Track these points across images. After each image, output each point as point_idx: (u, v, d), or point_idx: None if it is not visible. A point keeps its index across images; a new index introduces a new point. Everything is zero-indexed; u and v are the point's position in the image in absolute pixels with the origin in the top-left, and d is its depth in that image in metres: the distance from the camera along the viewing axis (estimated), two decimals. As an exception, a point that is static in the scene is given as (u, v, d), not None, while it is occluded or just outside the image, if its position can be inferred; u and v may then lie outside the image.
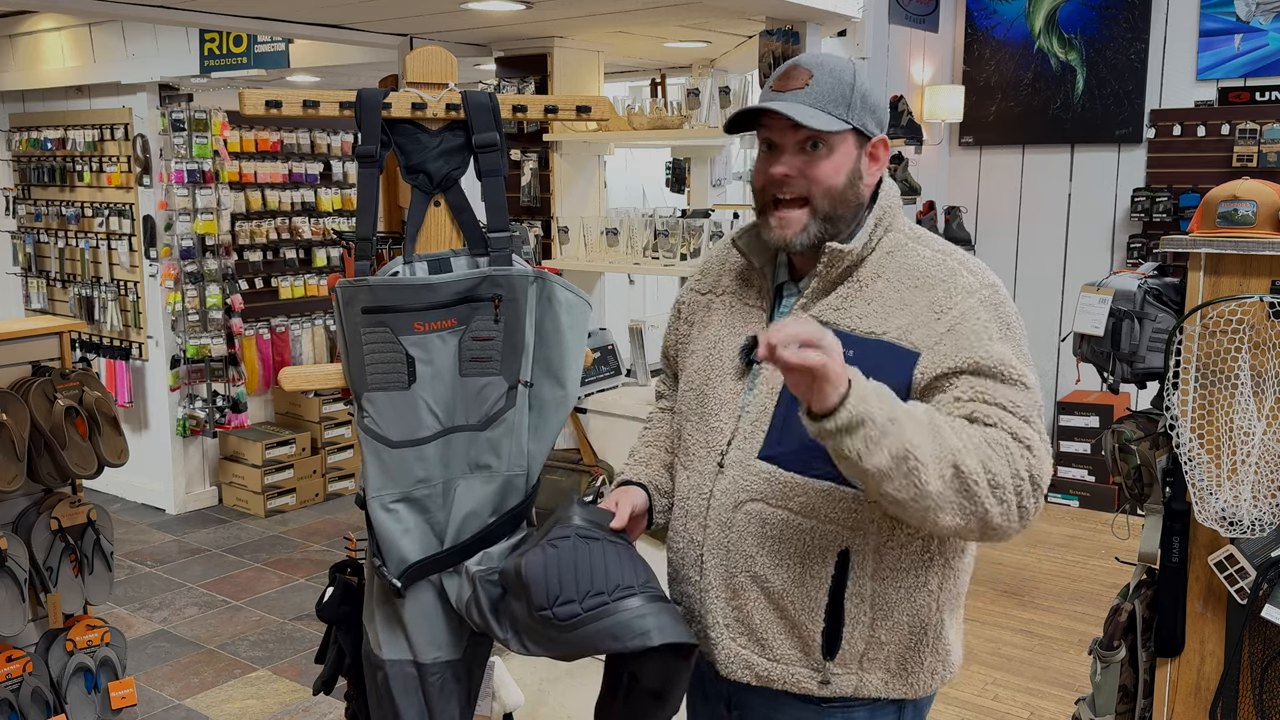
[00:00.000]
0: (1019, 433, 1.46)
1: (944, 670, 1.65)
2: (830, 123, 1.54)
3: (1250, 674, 2.25)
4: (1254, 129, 5.34)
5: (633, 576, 1.58)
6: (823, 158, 1.56)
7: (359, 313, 1.75)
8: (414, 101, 1.81)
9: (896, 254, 1.59)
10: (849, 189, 1.58)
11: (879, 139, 1.60)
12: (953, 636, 1.66)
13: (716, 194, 5.04)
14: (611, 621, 1.54)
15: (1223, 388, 2.18)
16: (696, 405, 1.71)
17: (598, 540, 1.62)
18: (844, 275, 1.59)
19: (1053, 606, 4.50)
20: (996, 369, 1.49)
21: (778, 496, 1.57)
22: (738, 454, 1.62)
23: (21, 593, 2.67)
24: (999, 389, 1.48)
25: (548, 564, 1.58)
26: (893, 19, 5.72)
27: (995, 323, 1.52)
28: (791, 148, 1.57)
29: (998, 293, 1.56)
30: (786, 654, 1.60)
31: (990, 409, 1.47)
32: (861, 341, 1.53)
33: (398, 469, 1.77)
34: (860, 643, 1.57)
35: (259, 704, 3.85)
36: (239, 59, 5.22)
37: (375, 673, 1.84)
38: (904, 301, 1.55)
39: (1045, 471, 1.47)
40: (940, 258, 1.59)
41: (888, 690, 1.60)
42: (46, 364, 2.83)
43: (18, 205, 6.68)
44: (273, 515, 5.99)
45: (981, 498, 1.41)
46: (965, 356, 1.49)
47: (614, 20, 3.74)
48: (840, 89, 1.55)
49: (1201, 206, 2.32)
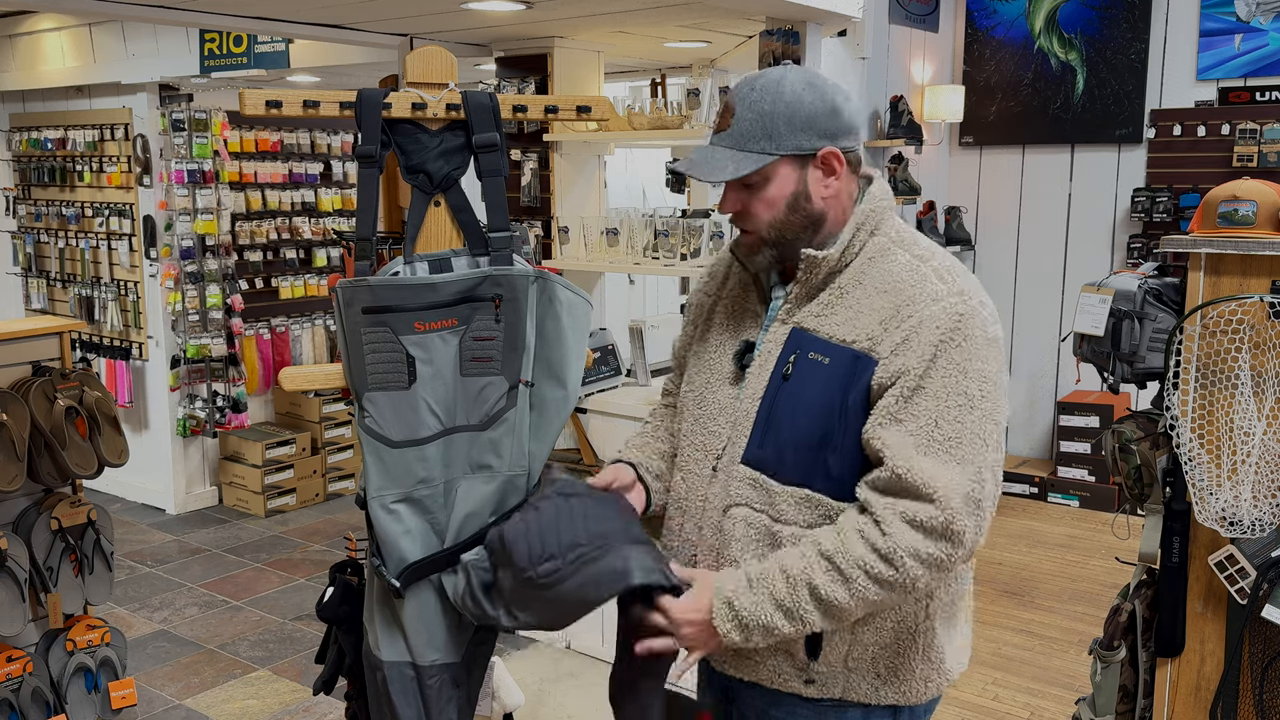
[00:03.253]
0: (873, 509, 1.48)
1: (938, 678, 1.65)
2: (744, 164, 1.56)
3: (1250, 674, 2.25)
4: (1254, 129, 5.34)
5: (615, 524, 1.59)
6: (758, 191, 1.59)
7: (359, 313, 1.75)
8: (414, 101, 1.81)
9: (877, 260, 1.59)
10: (792, 212, 1.59)
11: (826, 151, 1.57)
12: (948, 645, 1.66)
13: (716, 194, 5.02)
14: (593, 569, 1.55)
15: (1223, 388, 2.18)
16: (695, 409, 1.73)
17: (579, 496, 1.64)
18: (825, 281, 1.60)
19: (1053, 606, 4.50)
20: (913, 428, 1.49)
21: (760, 501, 1.59)
22: (728, 459, 1.64)
23: (21, 593, 2.67)
24: (900, 446, 1.48)
25: (529, 526, 1.61)
26: (893, 19, 5.72)
27: (954, 333, 1.50)
28: (732, 186, 1.61)
29: (965, 301, 1.52)
30: (772, 653, 1.62)
31: (874, 482, 1.50)
32: (835, 349, 1.55)
33: (399, 469, 1.77)
34: (842, 645, 1.59)
35: (259, 704, 3.85)
36: (239, 59, 5.22)
37: (374, 674, 1.84)
38: (874, 308, 1.55)
39: (896, 533, 1.46)
40: (915, 264, 1.57)
41: (878, 696, 1.62)
42: (47, 364, 2.83)
43: (18, 205, 6.68)
44: (273, 515, 5.99)
45: (851, 597, 1.48)
46: (901, 385, 1.49)
47: (614, 20, 3.74)
48: (760, 122, 1.55)
49: (1201, 206, 2.32)
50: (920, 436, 1.47)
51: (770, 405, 1.58)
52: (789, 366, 1.58)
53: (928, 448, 1.47)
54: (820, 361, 1.55)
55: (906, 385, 1.49)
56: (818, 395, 1.54)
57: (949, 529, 1.45)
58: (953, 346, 1.49)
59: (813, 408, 1.54)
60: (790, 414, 1.56)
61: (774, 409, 1.58)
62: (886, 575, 1.46)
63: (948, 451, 1.47)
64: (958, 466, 1.47)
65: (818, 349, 1.56)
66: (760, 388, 1.61)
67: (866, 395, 1.52)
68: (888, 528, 1.46)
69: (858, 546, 1.47)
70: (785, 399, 1.57)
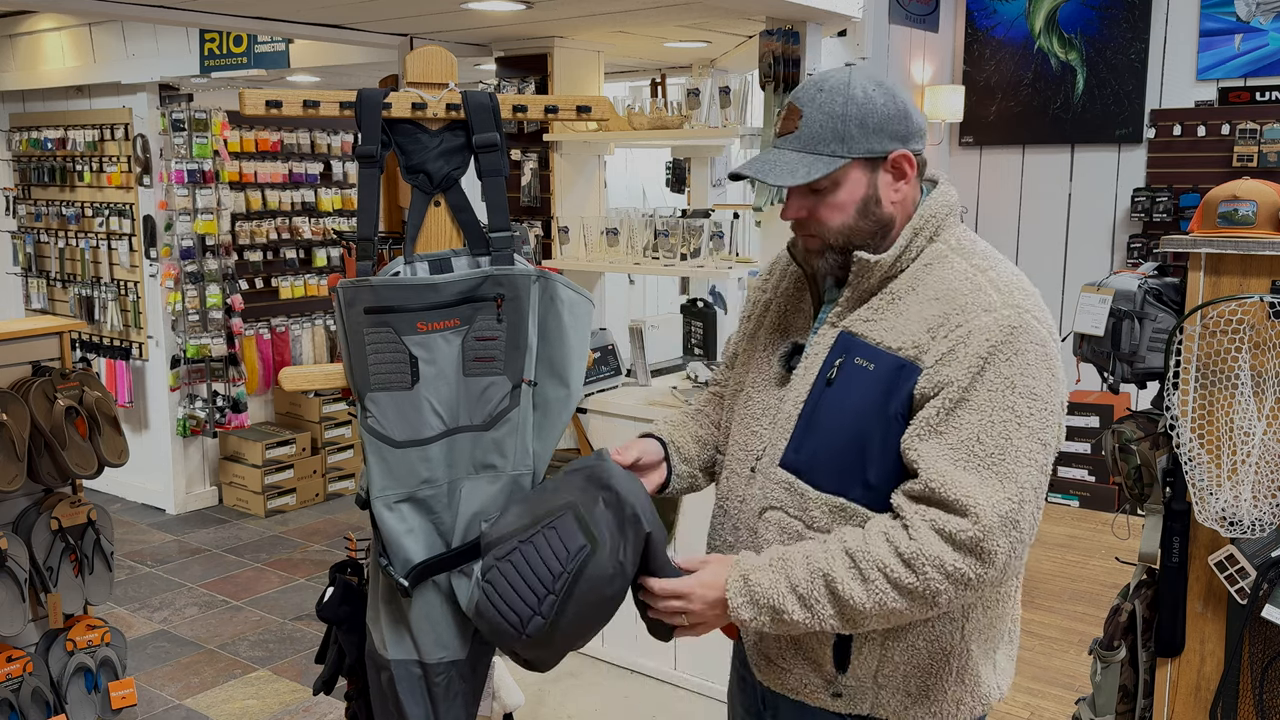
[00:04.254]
0: (904, 514, 1.43)
1: (972, 702, 1.59)
2: (816, 167, 1.50)
3: (1250, 674, 2.25)
4: (1254, 129, 5.34)
5: (570, 544, 1.56)
6: (827, 196, 1.53)
7: (361, 313, 1.75)
8: (414, 101, 1.81)
9: (934, 266, 1.54)
10: (863, 217, 1.54)
11: (898, 154, 1.53)
12: (986, 669, 1.60)
13: (716, 194, 5.04)
14: (580, 591, 1.55)
15: (1223, 388, 2.18)
16: (741, 410, 1.71)
17: (535, 533, 1.61)
18: (878, 286, 1.55)
19: (1053, 606, 4.50)
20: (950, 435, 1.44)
21: (795, 506, 1.56)
22: (766, 461, 1.61)
23: (21, 593, 2.67)
24: (937, 459, 1.43)
25: (494, 602, 1.60)
26: (893, 19, 5.72)
27: (1004, 346, 1.44)
28: (797, 190, 1.55)
29: (1021, 315, 1.47)
30: (799, 663, 1.60)
31: (908, 497, 1.45)
32: (881, 355, 1.50)
33: (402, 469, 1.77)
34: (872, 660, 1.54)
35: (259, 704, 3.85)
36: (239, 59, 5.22)
37: (380, 674, 1.83)
38: (924, 315, 1.49)
39: (922, 539, 1.41)
40: (973, 273, 1.52)
41: (908, 715, 1.57)
42: (47, 364, 2.83)
43: (18, 205, 6.68)
44: (273, 515, 5.99)
45: (868, 598, 1.43)
46: (944, 396, 1.44)
47: (614, 20, 3.74)
48: (831, 123, 1.50)
49: (1201, 206, 2.32)
50: (961, 450, 1.41)
51: (812, 410, 1.55)
52: (834, 371, 1.54)
53: (967, 462, 1.41)
54: (865, 367, 1.51)
55: (950, 397, 1.43)
56: (859, 402, 1.50)
57: (979, 546, 1.39)
58: (1002, 360, 1.43)
59: (854, 414, 1.50)
60: (830, 420, 1.53)
61: (815, 414, 1.54)
62: (906, 581, 1.40)
63: (989, 468, 1.41)
64: (998, 483, 1.40)
65: (864, 354, 1.52)
66: (804, 391, 1.57)
67: (908, 404, 1.47)
68: (915, 533, 1.41)
69: (880, 548, 1.42)
70: (827, 404, 1.53)
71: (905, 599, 1.42)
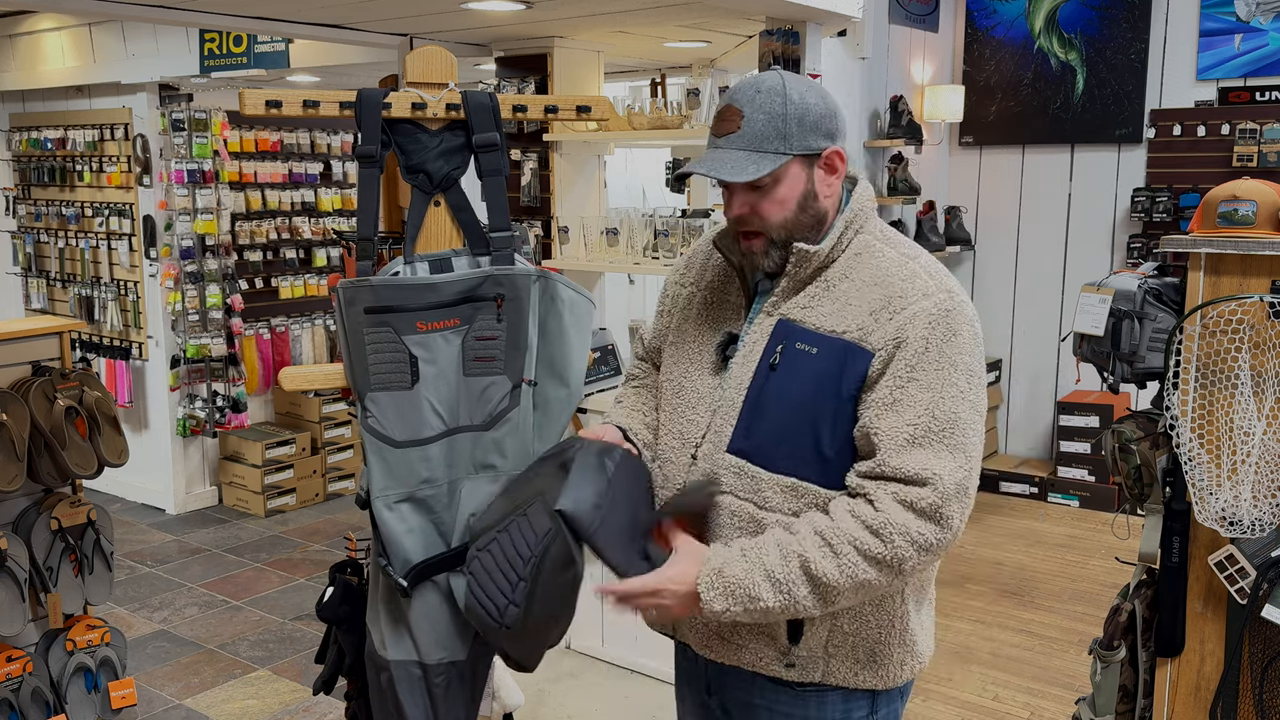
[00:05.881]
0: (866, 490, 1.51)
1: (912, 661, 1.69)
2: (763, 164, 1.57)
3: (1250, 674, 2.25)
4: (1254, 129, 5.34)
5: (539, 528, 1.58)
6: (770, 192, 1.60)
7: (361, 312, 1.75)
8: (414, 101, 1.81)
9: (864, 255, 1.63)
10: (803, 212, 1.62)
11: (831, 150, 1.61)
12: (919, 628, 1.70)
13: (716, 194, 5.04)
14: (543, 583, 1.56)
15: (1223, 388, 2.18)
16: (673, 398, 1.74)
17: (510, 522, 1.62)
18: (813, 275, 1.63)
19: (1053, 606, 4.50)
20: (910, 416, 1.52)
21: (745, 489, 1.61)
22: (709, 447, 1.66)
23: (21, 593, 2.67)
24: (894, 435, 1.51)
25: (475, 594, 1.62)
26: (893, 19, 5.72)
27: (943, 327, 1.54)
28: (740, 188, 1.62)
29: (953, 298, 1.58)
30: (754, 639, 1.64)
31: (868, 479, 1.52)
32: (824, 340, 1.58)
33: (402, 469, 1.77)
34: (822, 630, 1.61)
35: (259, 704, 3.85)
36: (239, 59, 5.22)
37: (380, 674, 1.84)
38: (863, 299, 1.58)
39: (887, 510, 1.49)
40: (904, 260, 1.62)
41: (857, 680, 1.65)
42: (46, 364, 2.83)
43: (18, 205, 6.68)
44: (273, 515, 5.99)
45: (841, 573, 1.49)
46: (894, 374, 1.53)
47: (614, 20, 3.74)
48: (772, 123, 1.58)
49: (1201, 206, 2.32)
50: (916, 426, 1.51)
51: (758, 395, 1.61)
52: (776, 356, 1.60)
53: (924, 437, 1.51)
54: (808, 352, 1.58)
55: (899, 375, 1.53)
56: (807, 385, 1.57)
57: (939, 512, 1.49)
58: (944, 340, 1.54)
59: (802, 397, 1.57)
60: (778, 403, 1.59)
61: (761, 398, 1.60)
62: (875, 551, 1.48)
63: (941, 441, 1.51)
64: (949, 455, 1.51)
65: (805, 340, 1.59)
66: (746, 378, 1.63)
67: (859, 385, 1.55)
68: (880, 505, 1.49)
69: (848, 522, 1.50)
70: (773, 389, 1.60)
71: (875, 569, 1.50)
